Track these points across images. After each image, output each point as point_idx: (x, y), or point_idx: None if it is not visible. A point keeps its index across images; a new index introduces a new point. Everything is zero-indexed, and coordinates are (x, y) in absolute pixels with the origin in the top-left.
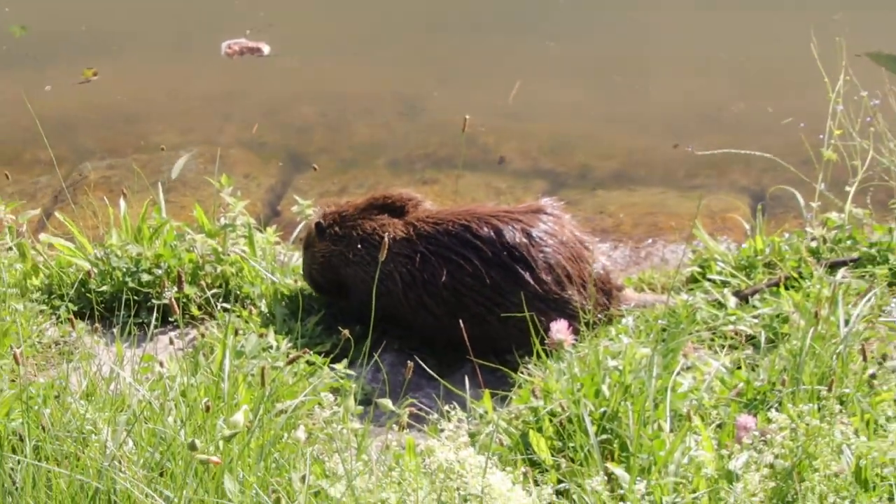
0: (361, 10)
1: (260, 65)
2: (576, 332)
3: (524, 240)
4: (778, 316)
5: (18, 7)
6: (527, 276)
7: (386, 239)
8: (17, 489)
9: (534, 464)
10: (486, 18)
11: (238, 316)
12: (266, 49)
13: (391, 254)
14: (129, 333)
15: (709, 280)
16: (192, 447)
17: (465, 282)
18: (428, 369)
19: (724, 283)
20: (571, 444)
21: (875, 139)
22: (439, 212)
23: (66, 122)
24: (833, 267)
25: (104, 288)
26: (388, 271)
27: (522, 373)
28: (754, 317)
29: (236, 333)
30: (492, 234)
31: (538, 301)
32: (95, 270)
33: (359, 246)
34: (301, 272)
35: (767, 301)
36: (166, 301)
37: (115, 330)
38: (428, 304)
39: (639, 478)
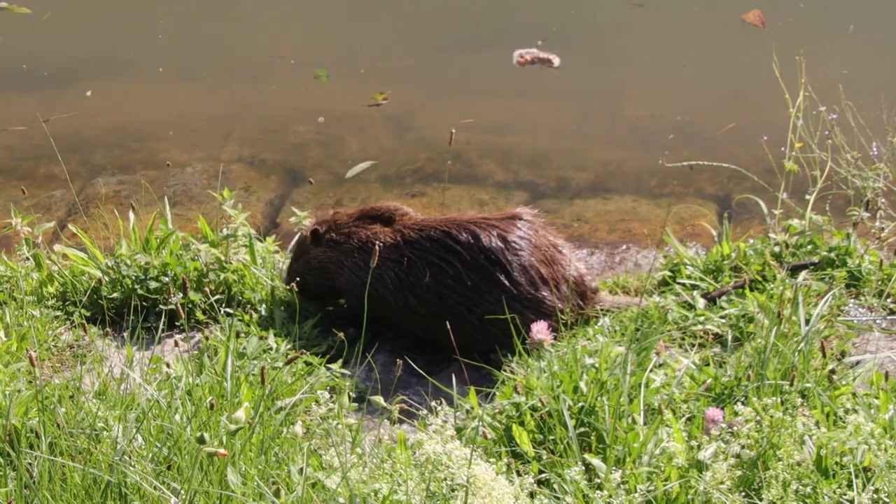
0: (350, 33)
1: (261, 84)
2: (554, 329)
3: (500, 244)
4: (744, 316)
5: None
6: (502, 277)
7: (377, 247)
8: (34, 483)
9: (516, 455)
10: (468, 41)
11: (240, 320)
12: (557, 61)
13: (381, 259)
14: (138, 337)
15: (679, 283)
16: (201, 441)
17: (447, 284)
18: (417, 368)
19: (694, 286)
20: (552, 437)
21: (833, 151)
22: (424, 220)
23: (78, 140)
24: (795, 270)
25: (115, 295)
26: (378, 275)
27: (505, 371)
28: (722, 317)
29: (238, 336)
30: (470, 239)
31: (514, 301)
32: (106, 278)
33: (355, 254)
34: (284, 278)
35: (734, 302)
36: (173, 306)
37: (125, 334)
38: (413, 304)
39: (615, 468)
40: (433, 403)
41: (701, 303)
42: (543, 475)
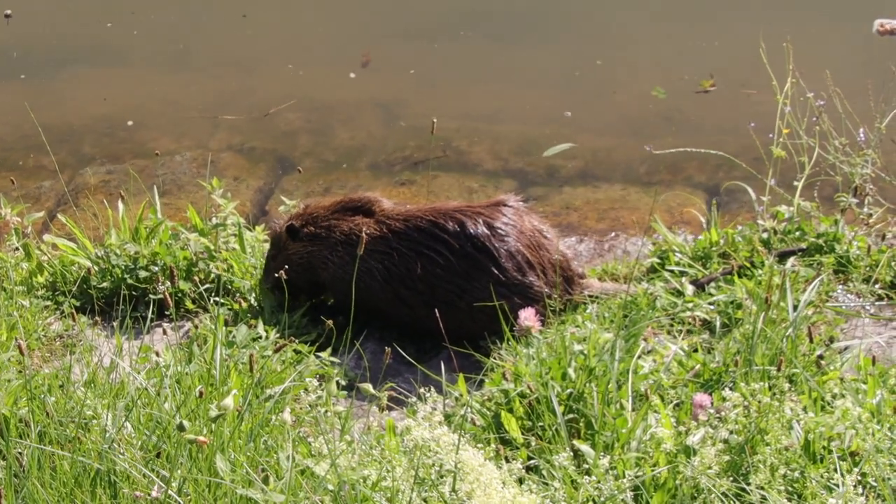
0: (340, 20)
1: (250, 72)
2: (541, 315)
3: (486, 231)
4: (732, 302)
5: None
6: (490, 264)
7: (363, 235)
8: (23, 471)
9: (505, 442)
10: (457, 29)
11: (229, 309)
12: None
13: (368, 251)
14: (128, 326)
15: (667, 270)
16: (181, 428)
17: (437, 273)
18: (406, 356)
19: (682, 273)
20: (540, 424)
21: (821, 137)
22: (408, 210)
23: (67, 130)
24: (783, 256)
25: (104, 284)
26: (366, 268)
27: (494, 358)
28: (710, 303)
29: (227, 325)
30: (457, 227)
31: (501, 287)
32: (96, 268)
33: (340, 248)
34: (263, 278)
35: (722, 289)
36: (162, 296)
37: (114, 323)
38: (403, 295)
39: (603, 453)
40: (422, 390)
41: (689, 289)
42: (532, 461)
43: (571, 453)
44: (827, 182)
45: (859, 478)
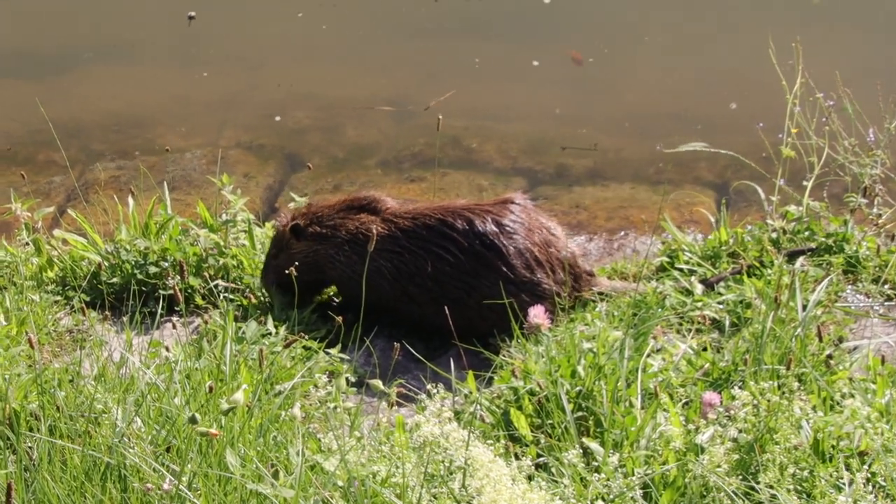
0: (349, 17)
1: (251, 72)
2: (551, 313)
3: (495, 229)
4: (741, 301)
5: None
6: (498, 261)
7: (374, 233)
8: (34, 465)
9: (514, 439)
10: (467, 27)
11: (239, 304)
12: None
13: (376, 250)
14: (138, 322)
15: (677, 269)
16: (193, 421)
17: (446, 271)
18: (416, 353)
19: (691, 272)
20: (549, 421)
21: (830, 137)
22: (415, 208)
23: (77, 126)
24: (792, 256)
25: (114, 279)
26: (374, 267)
27: (504, 355)
28: (719, 302)
29: (237, 321)
30: (465, 225)
31: (510, 284)
32: (106, 263)
33: (346, 247)
34: (263, 277)
35: (731, 288)
36: (171, 291)
37: (124, 318)
38: (412, 293)
39: (612, 451)
40: (431, 387)
41: (699, 288)
42: (541, 459)
43: (581, 451)
44: (836, 182)
45: (868, 477)
